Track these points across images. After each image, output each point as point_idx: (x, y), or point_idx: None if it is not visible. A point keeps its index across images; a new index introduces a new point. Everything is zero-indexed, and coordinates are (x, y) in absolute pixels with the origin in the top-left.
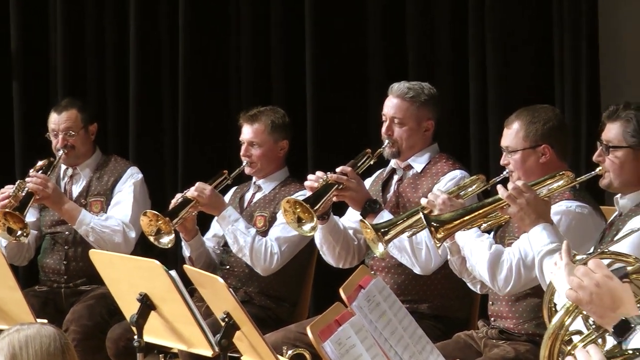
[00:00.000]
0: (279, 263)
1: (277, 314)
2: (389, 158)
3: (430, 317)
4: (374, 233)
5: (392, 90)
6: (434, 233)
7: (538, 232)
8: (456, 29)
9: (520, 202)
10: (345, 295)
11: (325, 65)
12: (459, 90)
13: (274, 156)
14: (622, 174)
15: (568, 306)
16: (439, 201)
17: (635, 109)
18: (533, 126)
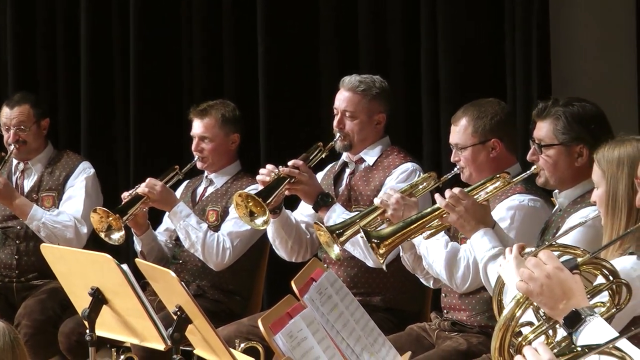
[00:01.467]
0: (231, 258)
1: (230, 308)
2: (341, 151)
3: (383, 309)
4: (328, 235)
5: (344, 83)
6: (375, 249)
7: (479, 238)
8: (408, 23)
9: (458, 210)
10: (297, 287)
11: (277, 58)
12: (411, 83)
13: (226, 150)
14: (557, 171)
15: (519, 298)
16: (392, 200)
17: (564, 106)
18: (481, 121)
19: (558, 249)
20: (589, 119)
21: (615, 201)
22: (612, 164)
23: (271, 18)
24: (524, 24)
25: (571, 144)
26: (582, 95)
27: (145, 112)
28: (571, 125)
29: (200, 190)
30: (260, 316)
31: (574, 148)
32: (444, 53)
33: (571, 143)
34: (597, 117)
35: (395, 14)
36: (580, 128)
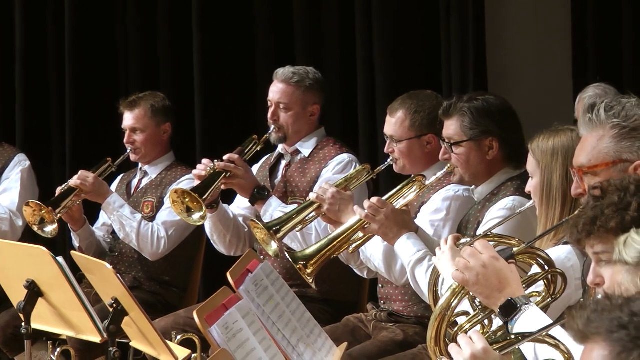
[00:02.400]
0: (166, 247)
1: (167, 300)
2: (276, 143)
3: (320, 300)
4: (265, 232)
5: (277, 75)
6: (303, 270)
7: (403, 243)
8: (344, 14)
9: (379, 219)
10: (233, 279)
11: (212, 52)
12: (345, 74)
13: (158, 140)
14: (470, 167)
15: (454, 287)
16: (328, 195)
17: (468, 101)
18: (418, 115)
19: (494, 239)
20: (494, 111)
21: (550, 191)
22: (546, 154)
23: (206, 11)
24: (459, 15)
25: (480, 139)
26: (519, 87)
27: (80, 107)
28: (477, 120)
29: (134, 183)
30: (197, 308)
31: (484, 142)
32: (379, 44)
33: (480, 137)
34: (502, 109)
35: (330, 6)
36: (487, 121)
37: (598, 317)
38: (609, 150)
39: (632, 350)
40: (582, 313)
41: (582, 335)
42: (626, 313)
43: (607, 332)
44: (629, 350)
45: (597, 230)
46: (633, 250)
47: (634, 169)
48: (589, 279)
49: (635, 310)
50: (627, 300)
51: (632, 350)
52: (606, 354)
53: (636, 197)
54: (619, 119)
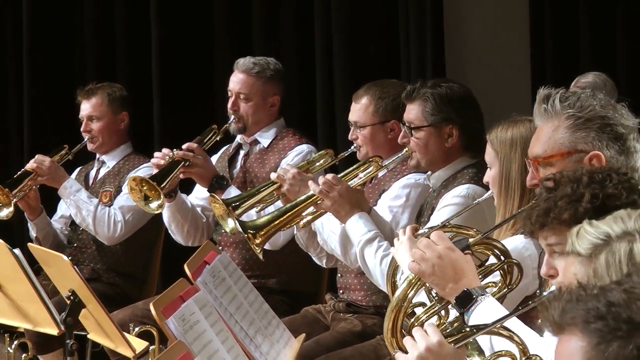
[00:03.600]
0: (123, 232)
1: (126, 291)
2: (235, 134)
3: (278, 292)
4: (224, 208)
5: (238, 65)
6: (252, 239)
7: (354, 223)
8: (301, 4)
9: (332, 196)
10: (190, 271)
11: (170, 41)
12: (305, 65)
13: (115, 129)
14: (428, 153)
15: (411, 278)
16: (289, 175)
17: (432, 87)
18: (382, 102)
19: (451, 230)
20: (456, 99)
21: (508, 181)
22: (505, 145)
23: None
24: (417, 6)
25: (440, 125)
26: (477, 78)
27: (37, 98)
28: (439, 106)
29: (92, 174)
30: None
31: (444, 129)
32: (337, 34)
33: (440, 124)
34: (465, 97)
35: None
36: (449, 109)
37: (573, 308)
38: (564, 141)
39: (610, 342)
40: (556, 303)
41: (557, 327)
42: (603, 303)
43: (584, 323)
44: (607, 342)
45: (550, 222)
46: (586, 241)
47: (588, 160)
48: (542, 270)
49: (612, 300)
50: (603, 289)
51: (610, 342)
52: (584, 345)
53: (589, 189)
54: (573, 110)
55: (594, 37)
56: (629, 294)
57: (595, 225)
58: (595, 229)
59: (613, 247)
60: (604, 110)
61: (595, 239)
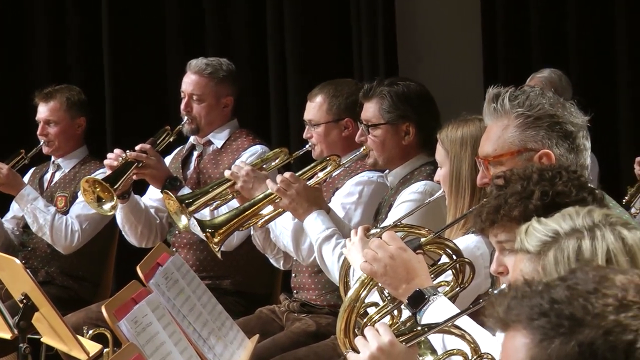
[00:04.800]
0: (80, 241)
1: (79, 294)
2: (189, 134)
3: (233, 293)
4: (177, 204)
5: (190, 66)
6: (210, 238)
7: (312, 220)
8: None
9: (290, 194)
10: (143, 273)
11: (123, 42)
12: (258, 66)
13: (72, 134)
14: (385, 150)
15: (363, 279)
16: (243, 173)
17: (389, 85)
18: (336, 100)
19: (403, 229)
20: (413, 97)
21: (459, 180)
22: (455, 144)
23: (116, 1)
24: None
25: (397, 123)
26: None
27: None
28: (396, 104)
29: (47, 177)
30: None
31: (401, 126)
32: (290, 35)
33: (397, 121)
34: (422, 96)
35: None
36: (406, 106)
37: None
38: (514, 140)
39: (553, 338)
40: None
41: (502, 323)
42: (546, 300)
43: (528, 320)
44: (550, 338)
45: (500, 219)
46: (534, 238)
47: (538, 158)
48: (492, 267)
49: (555, 297)
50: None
51: (553, 338)
52: (527, 342)
53: (539, 186)
54: (523, 108)
55: (545, 35)
56: (572, 290)
57: (543, 223)
58: (543, 226)
59: (561, 244)
60: (553, 108)
61: (544, 236)
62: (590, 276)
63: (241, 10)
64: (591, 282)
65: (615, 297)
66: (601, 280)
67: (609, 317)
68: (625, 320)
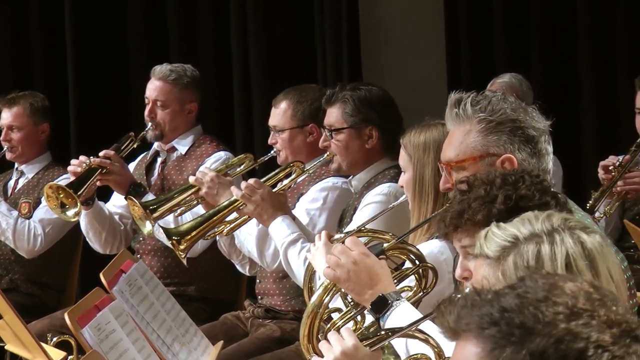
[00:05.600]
0: (43, 245)
1: (44, 301)
2: (152, 141)
3: (197, 299)
4: (142, 210)
5: (154, 72)
6: (176, 246)
7: (278, 225)
8: (218, 11)
9: (255, 199)
10: (106, 280)
11: (86, 47)
12: (222, 72)
13: (35, 140)
14: (348, 155)
15: (326, 284)
16: (207, 178)
17: (351, 90)
18: (300, 106)
19: (367, 234)
20: (376, 101)
21: (422, 186)
22: (418, 149)
23: (79, 7)
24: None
25: (360, 126)
26: (394, 82)
27: None
28: (359, 108)
29: (11, 184)
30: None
31: (364, 130)
32: (254, 40)
33: (360, 125)
34: (384, 99)
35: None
36: (368, 110)
37: (468, 313)
38: (476, 145)
39: (504, 347)
40: (451, 309)
41: (452, 332)
42: (496, 309)
43: (478, 329)
44: (501, 347)
45: (464, 223)
46: (494, 244)
47: (501, 163)
48: (457, 272)
49: (505, 305)
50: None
51: (504, 347)
52: (478, 351)
53: (502, 190)
54: (485, 113)
55: (508, 40)
56: (522, 299)
57: (503, 228)
58: (503, 231)
59: (521, 249)
60: (515, 113)
61: (503, 241)
62: (540, 284)
63: (205, 16)
64: (541, 290)
65: (565, 305)
66: (551, 289)
67: (559, 325)
68: (576, 329)
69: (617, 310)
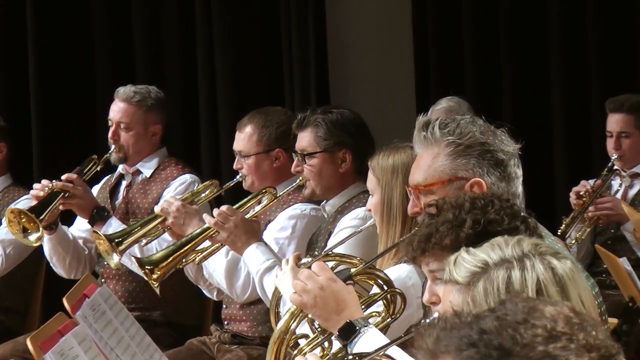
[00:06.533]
0: (4, 266)
1: (7, 326)
2: (116, 163)
3: (163, 324)
4: (107, 244)
5: (118, 94)
6: (149, 275)
7: (252, 252)
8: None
9: (228, 227)
10: (69, 304)
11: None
12: (188, 93)
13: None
14: (322, 179)
15: (293, 310)
16: (173, 208)
17: (323, 113)
18: (266, 130)
19: (334, 259)
20: (348, 124)
21: (390, 209)
22: (386, 172)
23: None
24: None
25: (333, 150)
26: (361, 100)
27: None
28: (331, 131)
29: None
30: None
31: (337, 154)
32: (220, 61)
33: (333, 149)
34: (356, 122)
35: (171, 19)
36: (341, 133)
37: (447, 335)
38: (445, 168)
39: None
40: (430, 331)
41: (431, 354)
42: (475, 331)
43: (457, 350)
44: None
45: (431, 247)
46: (463, 269)
47: (469, 187)
48: (425, 297)
49: (484, 327)
50: (476, 317)
51: None
52: None
53: (471, 214)
54: (453, 137)
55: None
56: (501, 321)
57: (472, 253)
58: (472, 256)
59: (491, 275)
60: (484, 136)
61: (473, 267)
62: (520, 307)
63: (171, 35)
64: (520, 313)
65: (544, 328)
66: (530, 311)
67: (537, 347)
68: (554, 351)
69: (597, 335)
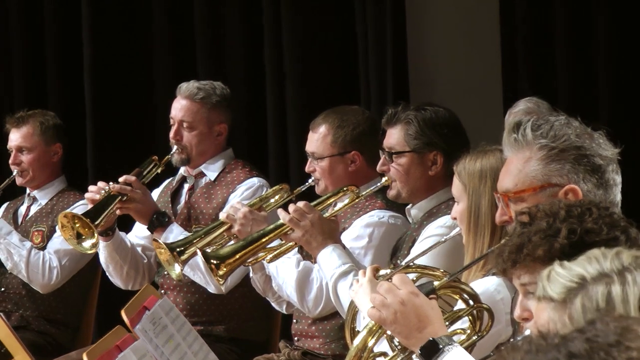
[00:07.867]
0: (59, 279)
1: (58, 340)
2: (178, 165)
3: (227, 340)
4: (169, 253)
5: (180, 90)
6: (215, 271)
7: (328, 255)
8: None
9: (304, 225)
10: (128, 318)
11: (105, 63)
12: (254, 90)
13: (47, 162)
14: (409, 181)
15: (371, 326)
16: (240, 215)
17: (415, 110)
18: (341, 131)
19: (416, 271)
20: (442, 124)
21: (477, 217)
22: (473, 177)
23: (97, 18)
24: (377, 22)
25: (424, 151)
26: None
27: None
28: (423, 130)
29: (22, 211)
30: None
31: (427, 155)
32: (289, 55)
33: (424, 150)
34: (451, 123)
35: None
36: (433, 133)
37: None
38: (537, 174)
39: None
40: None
41: None
42: (564, 354)
43: None
44: None
45: (523, 259)
46: (558, 285)
47: (564, 194)
48: (516, 313)
49: (573, 350)
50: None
51: None
52: None
53: (566, 223)
54: (547, 139)
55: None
56: (592, 343)
57: (567, 267)
58: (567, 271)
59: (589, 291)
60: (580, 139)
61: (569, 282)
62: (612, 327)
63: (236, 28)
64: (612, 334)
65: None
66: (623, 332)
67: None
68: None
69: None
